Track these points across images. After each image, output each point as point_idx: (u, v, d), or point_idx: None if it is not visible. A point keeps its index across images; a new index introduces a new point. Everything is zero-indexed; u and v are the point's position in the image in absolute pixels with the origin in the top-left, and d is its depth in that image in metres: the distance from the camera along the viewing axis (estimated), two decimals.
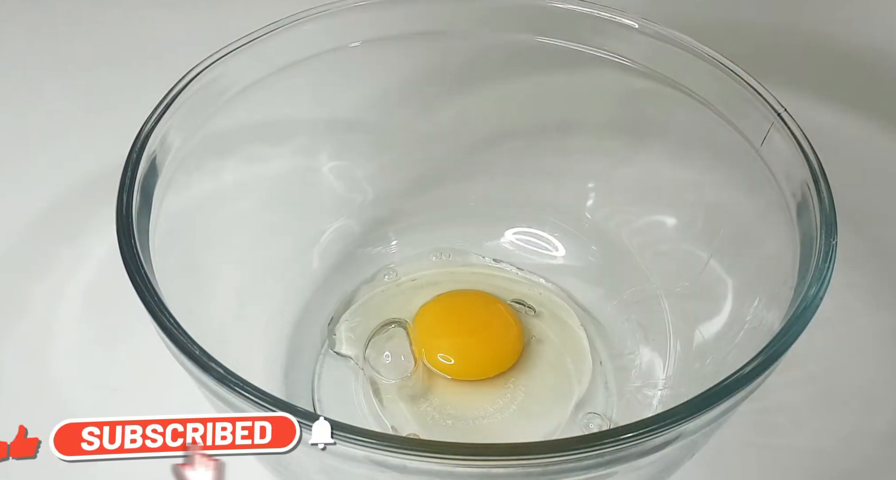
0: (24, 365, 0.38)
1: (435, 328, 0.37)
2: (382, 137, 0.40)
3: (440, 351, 0.36)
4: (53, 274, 0.41)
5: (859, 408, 0.37)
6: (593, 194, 0.40)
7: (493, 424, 0.34)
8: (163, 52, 0.53)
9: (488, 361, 0.36)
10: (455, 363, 0.36)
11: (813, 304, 0.25)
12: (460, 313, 0.38)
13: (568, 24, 0.36)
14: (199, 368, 0.23)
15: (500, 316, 0.37)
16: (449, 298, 0.38)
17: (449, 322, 0.37)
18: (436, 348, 0.36)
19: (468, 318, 0.38)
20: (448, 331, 0.37)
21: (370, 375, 0.35)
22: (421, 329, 0.37)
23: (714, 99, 0.33)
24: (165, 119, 0.30)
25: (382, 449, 0.21)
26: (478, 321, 0.37)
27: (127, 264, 0.25)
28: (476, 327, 0.37)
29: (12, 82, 0.53)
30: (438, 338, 0.36)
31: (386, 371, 0.35)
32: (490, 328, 0.37)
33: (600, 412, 0.35)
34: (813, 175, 0.28)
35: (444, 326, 0.37)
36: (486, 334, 0.37)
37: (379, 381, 0.35)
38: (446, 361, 0.36)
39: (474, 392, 0.35)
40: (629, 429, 0.21)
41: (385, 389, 0.35)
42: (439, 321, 0.37)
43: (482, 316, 0.38)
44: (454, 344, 0.36)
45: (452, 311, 0.38)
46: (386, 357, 0.36)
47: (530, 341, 0.37)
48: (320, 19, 0.35)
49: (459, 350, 0.36)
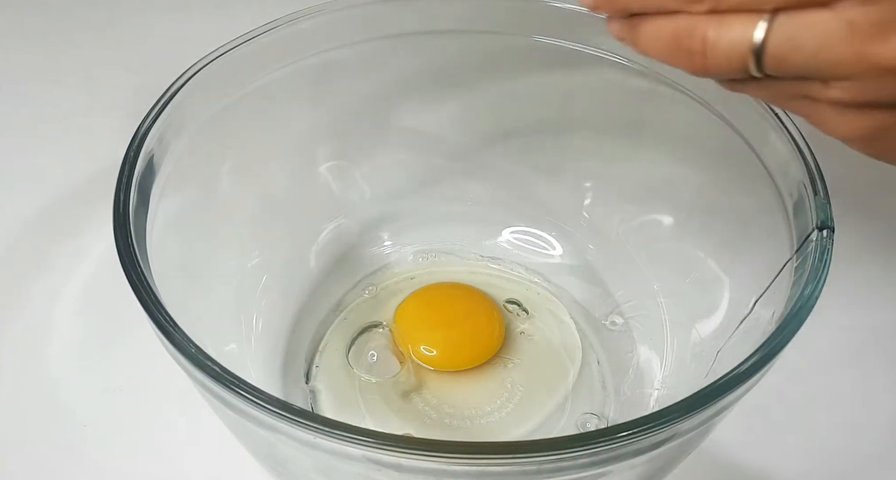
0: (21, 363, 0.38)
1: (416, 322, 0.37)
2: (380, 136, 0.40)
3: (423, 343, 0.36)
4: (51, 273, 0.41)
5: (857, 407, 0.37)
6: (591, 193, 0.40)
7: (490, 423, 0.34)
8: (162, 52, 0.53)
9: (471, 349, 0.36)
10: (438, 354, 0.36)
11: (809, 303, 0.25)
12: (439, 305, 0.38)
13: (566, 24, 0.36)
14: (196, 367, 0.23)
15: (479, 305, 0.38)
16: (427, 292, 0.39)
17: (429, 315, 0.37)
18: (418, 341, 0.36)
19: (448, 309, 0.38)
20: (428, 323, 0.37)
21: (360, 375, 0.36)
22: (402, 325, 0.37)
23: (712, 99, 0.33)
24: (163, 118, 0.30)
25: (379, 448, 0.21)
26: (457, 312, 0.38)
27: (124, 263, 0.25)
28: (456, 317, 0.38)
29: (12, 82, 0.53)
30: (420, 331, 0.37)
31: (372, 371, 0.36)
32: (470, 317, 0.38)
33: (597, 412, 0.35)
34: (809, 175, 0.28)
35: (424, 319, 0.37)
36: (467, 323, 0.37)
37: (370, 380, 0.35)
38: (429, 353, 0.36)
39: (473, 391, 0.35)
40: (624, 428, 0.21)
41: (381, 388, 0.35)
42: (419, 314, 0.38)
43: (461, 307, 0.38)
44: (435, 335, 0.36)
45: (431, 304, 0.38)
46: (371, 357, 0.36)
47: (529, 339, 0.37)
48: (319, 19, 0.35)
49: (441, 341, 0.36)
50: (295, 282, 0.38)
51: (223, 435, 0.29)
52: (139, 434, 0.36)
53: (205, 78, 0.32)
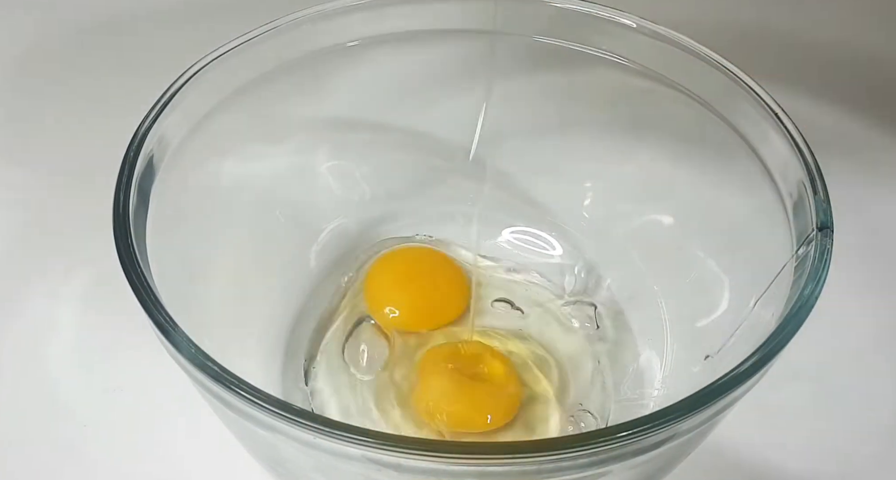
0: (21, 363, 0.38)
1: (377, 290, 0.38)
2: (380, 136, 0.40)
3: (387, 306, 0.37)
4: (51, 273, 0.41)
5: (857, 407, 0.37)
6: (590, 193, 0.40)
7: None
8: (161, 51, 0.53)
9: (438, 307, 0.37)
10: (401, 313, 0.37)
11: (809, 303, 0.25)
12: (399, 270, 0.39)
13: (566, 24, 0.36)
14: (196, 367, 0.23)
15: (445, 266, 0.38)
16: (386, 260, 0.39)
17: (389, 279, 0.38)
18: (382, 304, 0.37)
19: (408, 271, 0.39)
20: (389, 286, 0.38)
21: (355, 373, 0.36)
22: (368, 295, 0.38)
23: (711, 98, 0.33)
24: (163, 118, 0.30)
25: (379, 448, 0.21)
26: (419, 272, 0.38)
27: (124, 263, 0.25)
28: (418, 277, 0.38)
29: (11, 81, 0.53)
30: (382, 295, 0.37)
31: (366, 365, 0.36)
32: (432, 276, 0.38)
33: (596, 412, 0.35)
34: (809, 174, 0.28)
35: (384, 284, 0.38)
36: (428, 281, 0.38)
37: (370, 376, 0.35)
38: (393, 313, 0.37)
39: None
40: (624, 428, 0.21)
41: (381, 387, 0.35)
42: (380, 282, 0.38)
43: (422, 268, 0.39)
44: (396, 296, 0.37)
45: (391, 270, 0.39)
46: (362, 352, 0.36)
47: (526, 339, 0.37)
48: (318, 18, 0.35)
49: (404, 301, 0.37)
50: (295, 282, 0.38)
51: (223, 435, 0.29)
52: (139, 434, 0.36)
53: (205, 78, 0.32)
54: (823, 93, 0.52)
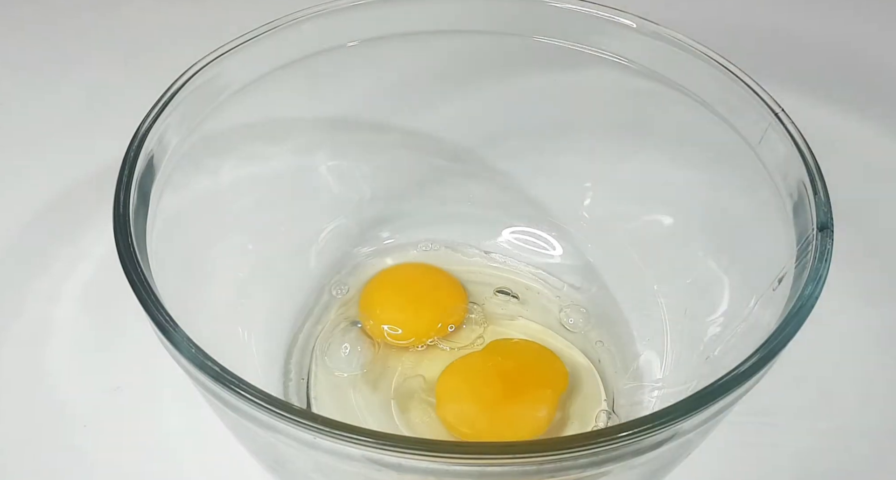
0: (21, 363, 0.38)
1: (376, 307, 0.38)
2: (380, 136, 0.40)
3: (386, 323, 0.37)
4: (51, 273, 0.41)
5: (856, 407, 0.37)
6: (591, 193, 0.40)
7: None
8: (161, 51, 0.53)
9: (434, 321, 0.37)
10: (404, 332, 0.36)
11: (809, 303, 0.25)
12: (398, 285, 0.39)
13: (566, 24, 0.36)
14: (196, 367, 0.23)
15: (441, 281, 0.38)
16: (386, 275, 0.39)
17: (388, 296, 0.38)
18: (382, 322, 0.37)
19: (407, 288, 0.38)
20: (388, 304, 0.38)
21: (331, 370, 0.36)
22: (366, 313, 0.37)
23: (711, 98, 0.33)
24: (163, 118, 0.30)
25: (379, 448, 0.21)
26: (417, 289, 0.38)
27: (124, 263, 0.25)
28: (416, 293, 0.38)
29: (10, 81, 0.53)
30: (382, 313, 0.37)
31: (345, 364, 0.36)
32: (429, 291, 0.38)
33: (596, 412, 0.35)
34: (809, 174, 0.28)
35: (383, 301, 0.38)
36: (425, 297, 0.38)
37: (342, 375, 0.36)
38: (394, 331, 0.36)
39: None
40: (624, 428, 0.21)
41: (380, 387, 0.35)
42: (378, 298, 0.38)
43: (421, 284, 0.39)
44: (397, 315, 0.37)
45: (390, 285, 0.39)
46: (344, 349, 0.36)
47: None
48: (318, 18, 0.35)
49: (403, 319, 0.37)
50: (295, 282, 0.38)
51: (223, 435, 0.29)
52: (139, 433, 0.36)
53: (205, 78, 0.32)
54: (823, 93, 0.52)
